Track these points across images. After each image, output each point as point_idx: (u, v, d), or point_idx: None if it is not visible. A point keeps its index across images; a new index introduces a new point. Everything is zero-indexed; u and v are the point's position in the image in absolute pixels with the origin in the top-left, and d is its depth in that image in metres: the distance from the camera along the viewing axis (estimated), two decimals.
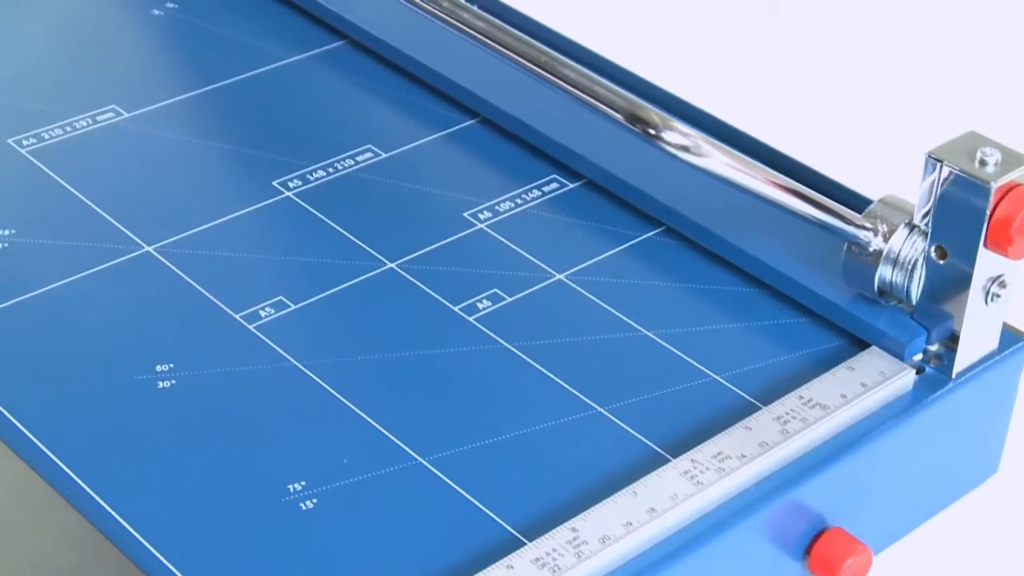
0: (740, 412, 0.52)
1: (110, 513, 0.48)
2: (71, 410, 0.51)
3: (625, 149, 0.61)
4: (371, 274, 0.57)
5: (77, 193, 0.60)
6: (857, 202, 0.56)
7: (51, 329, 0.54)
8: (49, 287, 0.56)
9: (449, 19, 0.59)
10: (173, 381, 0.52)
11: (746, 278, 0.58)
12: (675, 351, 0.55)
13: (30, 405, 0.51)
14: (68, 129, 0.64)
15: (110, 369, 0.53)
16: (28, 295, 0.55)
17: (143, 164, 0.62)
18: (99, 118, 0.64)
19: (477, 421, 0.52)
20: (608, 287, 0.57)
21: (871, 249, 0.53)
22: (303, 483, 0.49)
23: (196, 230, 0.59)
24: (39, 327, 0.54)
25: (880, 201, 0.54)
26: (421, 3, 0.61)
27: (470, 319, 0.56)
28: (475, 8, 0.60)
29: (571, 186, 0.62)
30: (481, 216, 0.60)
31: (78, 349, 0.53)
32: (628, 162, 0.61)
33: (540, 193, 0.62)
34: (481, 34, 0.55)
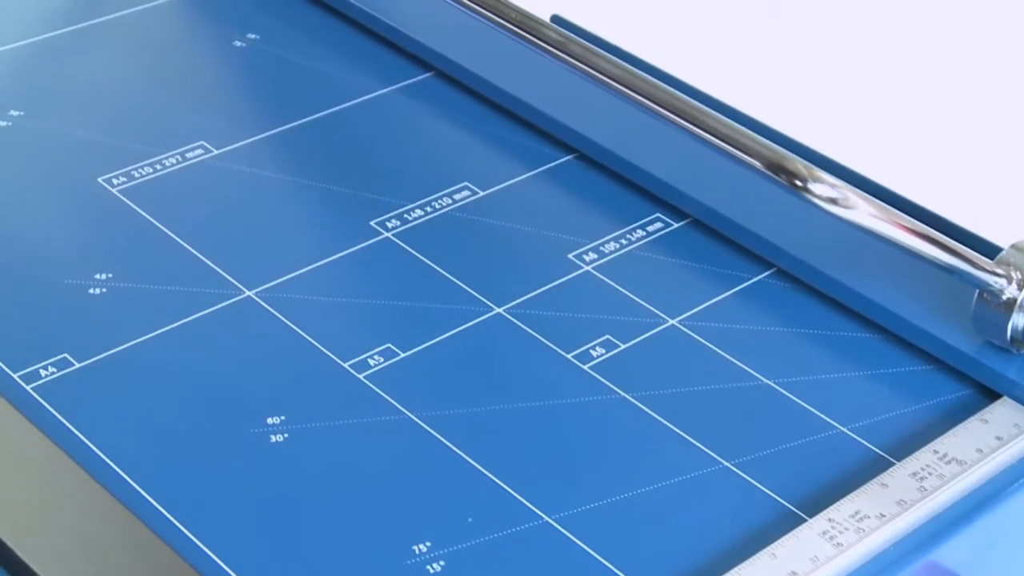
0: (871, 466, 0.50)
1: (227, 572, 0.46)
2: (182, 464, 0.50)
3: (731, 186, 0.60)
4: (479, 320, 0.56)
5: (172, 234, 0.59)
6: (984, 248, 0.55)
7: (156, 379, 0.53)
8: (151, 334, 0.54)
9: (552, 49, 0.58)
10: (286, 435, 0.51)
11: (864, 323, 0.56)
12: (798, 401, 0.53)
13: (139, 459, 0.50)
14: (158, 167, 0.62)
15: (220, 422, 0.51)
16: (130, 343, 0.54)
17: (236, 203, 0.61)
18: (188, 155, 0.63)
19: (602, 477, 0.50)
20: (723, 333, 0.56)
21: (1004, 297, 0.52)
22: (428, 543, 0.47)
23: (296, 273, 0.57)
24: (143, 376, 0.53)
25: (1013, 247, 0.53)
26: (516, 30, 0.59)
27: (585, 367, 0.54)
28: (581, 40, 0.58)
29: (676, 225, 0.61)
30: (586, 258, 0.59)
31: (185, 400, 0.52)
32: (735, 200, 0.60)
33: (645, 233, 0.60)
34: (611, 78, 0.53)
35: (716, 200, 0.60)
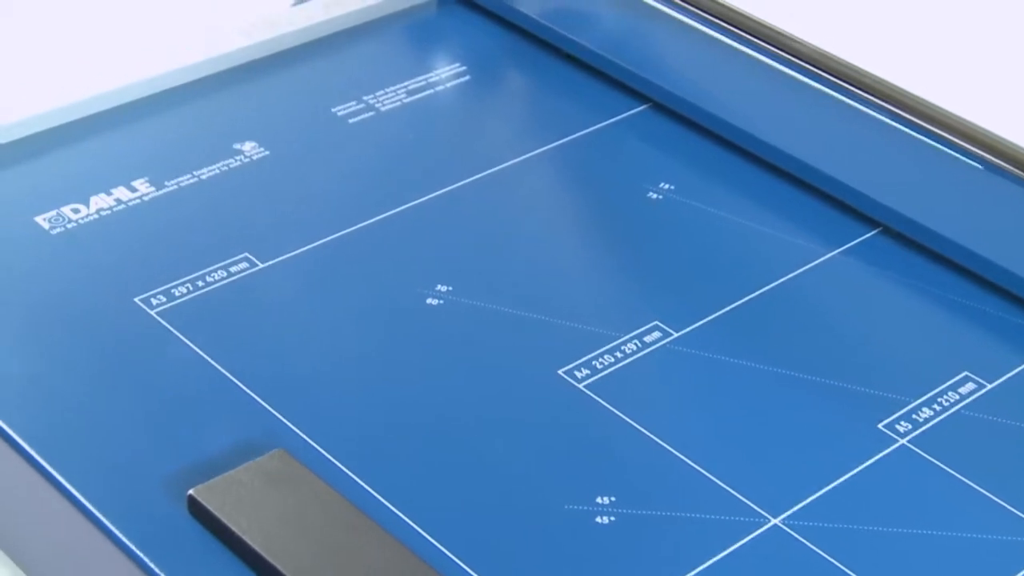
0: None
1: None
2: None
3: None
4: None
5: (660, 441, 0.51)
6: None
7: None
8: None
9: None
10: None
11: None
12: None
13: None
14: (618, 355, 0.55)
15: None
16: None
17: (714, 400, 0.53)
18: (646, 339, 0.55)
19: None
20: None
21: None
22: None
23: (818, 494, 0.50)
24: None
25: None
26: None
27: None
28: None
29: None
30: None
31: None
32: None
33: None
34: None
35: None
